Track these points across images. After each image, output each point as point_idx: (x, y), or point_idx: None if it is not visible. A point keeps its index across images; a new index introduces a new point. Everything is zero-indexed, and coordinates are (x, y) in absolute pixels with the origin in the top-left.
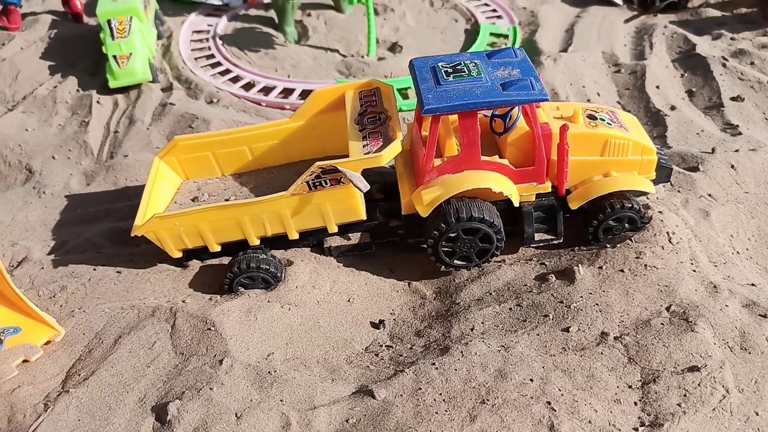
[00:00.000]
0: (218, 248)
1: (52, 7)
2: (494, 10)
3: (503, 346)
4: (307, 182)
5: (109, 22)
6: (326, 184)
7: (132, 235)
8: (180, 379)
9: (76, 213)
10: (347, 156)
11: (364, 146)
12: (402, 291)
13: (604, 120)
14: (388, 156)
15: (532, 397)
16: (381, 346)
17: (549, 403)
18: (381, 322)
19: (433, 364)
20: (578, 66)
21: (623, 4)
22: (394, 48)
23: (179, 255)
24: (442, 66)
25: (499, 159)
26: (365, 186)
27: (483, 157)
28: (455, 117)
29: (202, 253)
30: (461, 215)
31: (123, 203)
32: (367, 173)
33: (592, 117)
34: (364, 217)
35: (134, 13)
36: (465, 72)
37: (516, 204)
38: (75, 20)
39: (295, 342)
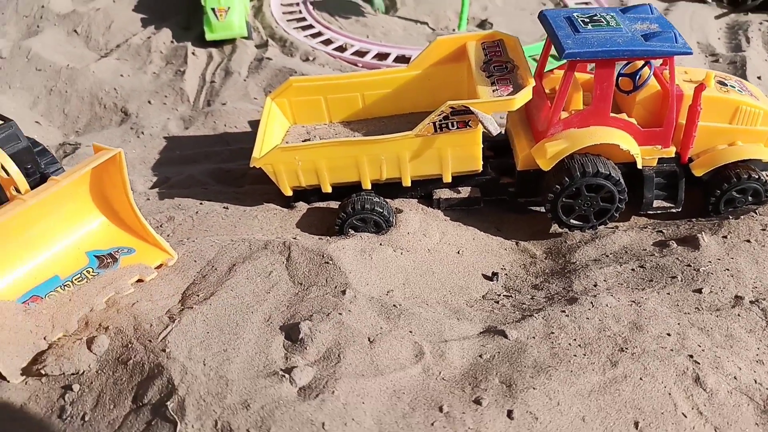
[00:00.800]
0: (329, 189)
1: None
2: None
3: (633, 302)
4: (434, 123)
5: None
6: (452, 126)
7: (251, 165)
8: (304, 305)
9: (176, 153)
10: None
11: (493, 91)
12: (510, 249)
13: (734, 87)
14: (521, 100)
15: (672, 350)
16: (499, 295)
17: (691, 356)
18: (494, 274)
19: (563, 311)
20: None
21: (712, 1)
22: (483, 25)
23: (290, 193)
24: (578, 16)
25: (626, 118)
26: (496, 129)
27: (611, 114)
28: (582, 75)
29: (310, 195)
30: (587, 170)
31: (222, 147)
32: None
33: (722, 83)
34: (481, 168)
35: None
36: (603, 22)
37: (639, 166)
38: None
39: (411, 283)
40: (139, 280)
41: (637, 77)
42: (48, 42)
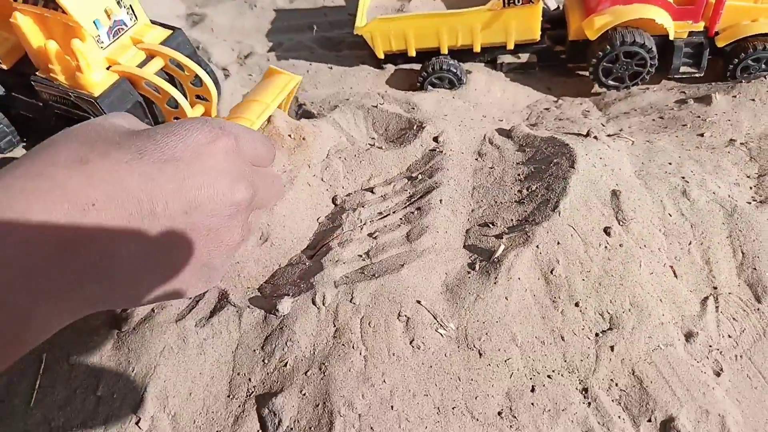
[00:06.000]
0: (414, 54)
1: None
2: None
3: (648, 141)
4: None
5: None
6: (518, 2)
7: (355, 33)
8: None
9: (284, 24)
10: None
11: None
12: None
13: None
14: None
15: (669, 173)
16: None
17: (683, 177)
18: None
19: None
20: None
21: None
22: None
23: (383, 56)
24: None
25: None
26: (554, 3)
27: None
28: None
29: (397, 58)
30: (626, 40)
31: (323, 19)
32: None
33: None
34: (538, 38)
35: None
36: None
37: (671, 38)
38: None
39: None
40: None
41: None
42: None
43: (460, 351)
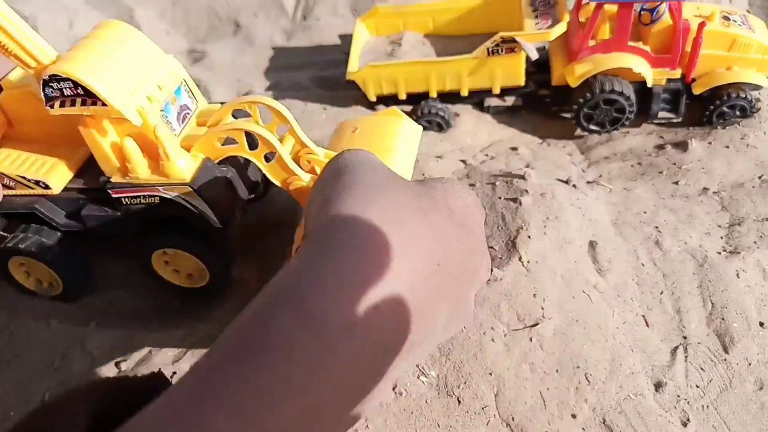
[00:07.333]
0: (404, 97)
1: None
2: None
3: (625, 188)
4: (488, 48)
5: None
6: (501, 51)
7: (347, 79)
8: None
9: (282, 62)
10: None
11: (536, 24)
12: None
13: (736, 21)
14: (555, 33)
15: (644, 222)
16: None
17: (657, 227)
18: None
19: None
20: None
21: None
22: None
23: (375, 99)
24: None
25: (642, 46)
26: (534, 55)
27: (630, 43)
28: (611, 8)
29: (389, 99)
30: (605, 87)
31: (319, 57)
32: None
33: (726, 18)
34: (523, 83)
35: None
36: None
37: (649, 85)
38: None
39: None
40: None
41: (655, 12)
42: None
43: (440, 398)
